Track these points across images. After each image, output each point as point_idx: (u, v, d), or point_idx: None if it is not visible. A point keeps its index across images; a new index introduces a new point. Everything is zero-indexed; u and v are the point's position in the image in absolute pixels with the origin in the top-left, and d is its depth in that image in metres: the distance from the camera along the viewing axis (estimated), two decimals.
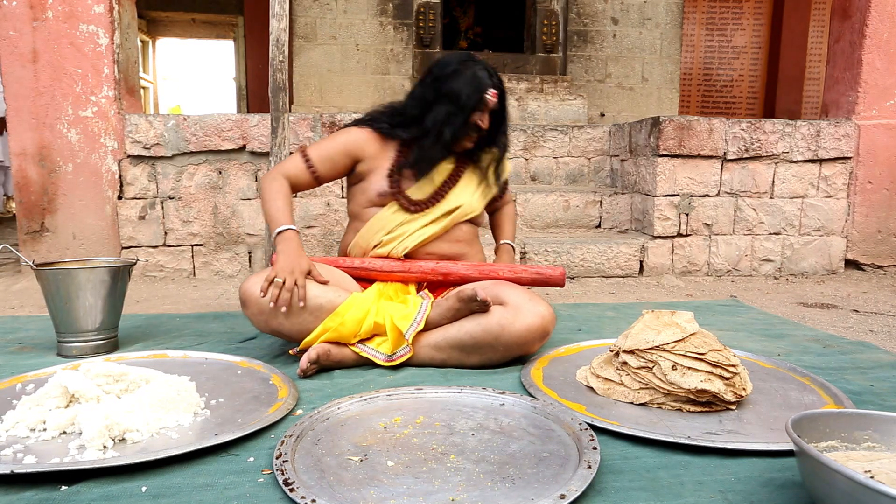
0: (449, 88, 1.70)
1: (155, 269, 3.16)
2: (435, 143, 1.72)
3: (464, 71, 1.71)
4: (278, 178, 1.74)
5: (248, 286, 1.54)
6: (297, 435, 1.13)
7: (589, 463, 1.01)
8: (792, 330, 2.11)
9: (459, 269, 1.75)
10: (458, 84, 1.69)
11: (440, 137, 1.71)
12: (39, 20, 2.99)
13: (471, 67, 1.71)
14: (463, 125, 1.71)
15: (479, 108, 1.71)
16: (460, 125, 1.71)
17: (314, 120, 3.19)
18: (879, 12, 3.37)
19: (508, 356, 1.60)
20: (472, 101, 1.68)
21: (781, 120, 3.32)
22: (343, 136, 1.79)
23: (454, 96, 1.69)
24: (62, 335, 1.72)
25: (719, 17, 7.35)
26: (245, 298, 1.54)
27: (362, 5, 5.37)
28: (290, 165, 1.77)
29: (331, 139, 1.80)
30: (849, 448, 0.97)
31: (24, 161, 3.05)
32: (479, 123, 1.72)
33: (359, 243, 1.81)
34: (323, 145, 1.79)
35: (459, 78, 1.70)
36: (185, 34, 8.94)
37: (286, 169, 1.76)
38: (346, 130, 1.81)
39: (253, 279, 1.55)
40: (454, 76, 1.71)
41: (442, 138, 1.71)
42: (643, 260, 3.24)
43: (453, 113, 1.70)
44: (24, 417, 1.17)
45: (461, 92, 1.68)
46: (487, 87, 1.69)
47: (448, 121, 1.70)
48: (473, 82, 1.69)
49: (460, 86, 1.69)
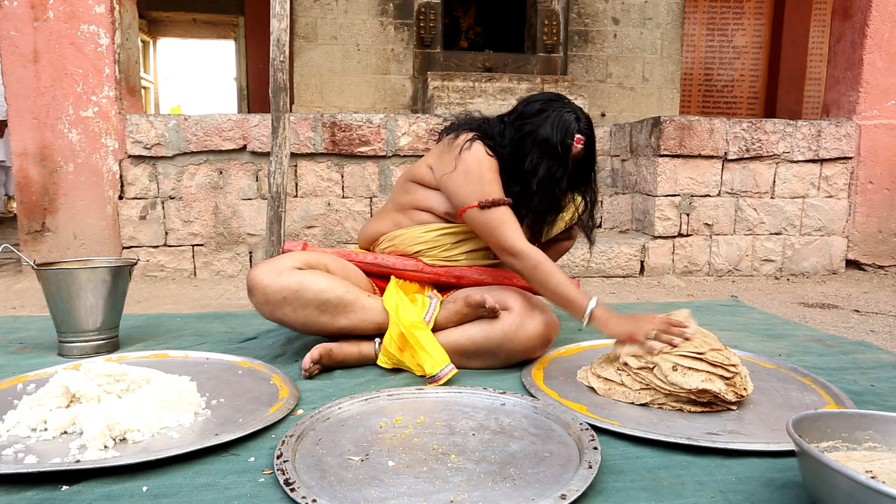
0: (541, 135, 1.59)
1: (156, 269, 3.16)
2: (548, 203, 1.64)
3: (554, 116, 1.60)
4: (534, 253, 1.54)
5: (256, 275, 1.51)
6: (297, 435, 1.13)
7: (590, 463, 1.01)
8: (793, 330, 2.11)
9: (473, 273, 1.73)
10: (549, 131, 1.58)
11: (552, 195, 1.62)
12: (40, 20, 2.99)
13: (563, 114, 1.60)
14: (563, 176, 1.60)
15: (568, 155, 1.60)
16: (562, 176, 1.60)
17: (315, 120, 3.19)
18: (880, 12, 3.37)
19: (510, 362, 1.59)
20: (564, 147, 1.58)
21: (782, 120, 3.32)
22: (486, 162, 1.60)
23: (547, 145, 1.58)
24: (63, 335, 1.72)
25: (720, 16, 7.34)
26: (252, 287, 1.51)
27: (363, 5, 5.37)
28: (512, 226, 1.56)
29: (484, 170, 1.59)
30: (850, 448, 0.97)
31: (25, 161, 3.05)
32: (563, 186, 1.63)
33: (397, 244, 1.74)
34: (490, 180, 1.59)
35: (551, 124, 1.59)
36: (185, 34, 8.96)
37: (515, 229, 1.57)
38: (479, 154, 1.60)
39: (262, 267, 1.52)
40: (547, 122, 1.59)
41: (554, 196, 1.62)
42: (644, 260, 3.23)
43: (553, 165, 1.58)
44: (25, 417, 1.17)
45: (554, 138, 1.57)
46: (574, 131, 1.59)
47: (554, 176, 1.59)
48: (565, 129, 1.58)
49: (552, 132, 1.58)
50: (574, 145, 1.60)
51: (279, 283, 1.49)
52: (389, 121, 3.24)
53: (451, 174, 1.62)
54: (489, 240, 1.61)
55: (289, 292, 1.49)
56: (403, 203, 1.75)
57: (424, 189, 1.71)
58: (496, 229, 1.56)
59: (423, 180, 1.71)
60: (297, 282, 1.49)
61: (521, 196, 1.62)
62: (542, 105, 1.62)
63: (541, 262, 1.53)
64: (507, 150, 1.63)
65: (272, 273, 1.50)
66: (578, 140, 1.60)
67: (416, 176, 1.73)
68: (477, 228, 1.62)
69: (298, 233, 3.23)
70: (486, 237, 1.61)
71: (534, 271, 1.52)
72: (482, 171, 1.59)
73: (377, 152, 3.24)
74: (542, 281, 1.52)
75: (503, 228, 1.55)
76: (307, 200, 3.24)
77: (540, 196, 1.61)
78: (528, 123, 1.62)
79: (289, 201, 3.18)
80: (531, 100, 1.66)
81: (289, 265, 1.52)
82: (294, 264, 1.53)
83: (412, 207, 1.73)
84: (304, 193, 3.24)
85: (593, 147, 1.66)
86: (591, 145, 1.65)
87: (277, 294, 1.49)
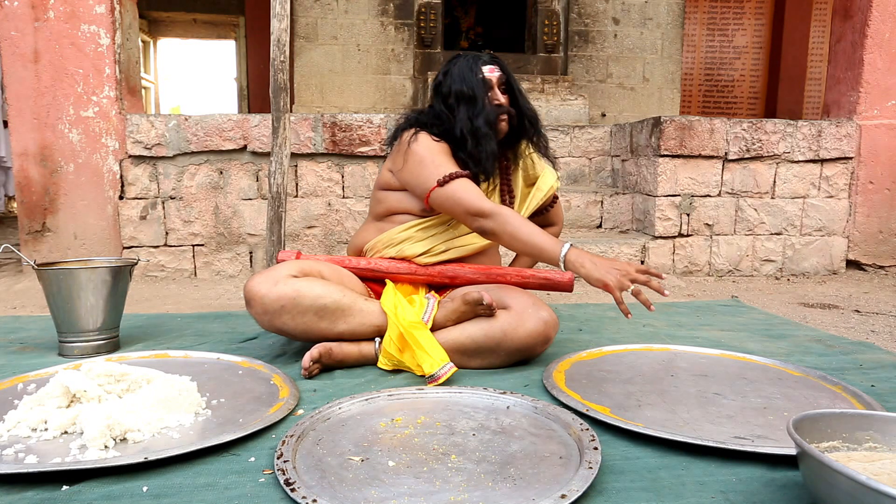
0: (453, 92, 1.71)
1: (156, 269, 3.17)
2: (478, 141, 1.69)
3: (452, 70, 1.73)
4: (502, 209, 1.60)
5: (253, 285, 1.53)
6: (298, 435, 1.13)
7: (590, 463, 1.01)
8: (793, 330, 2.11)
9: (466, 272, 1.74)
10: (456, 83, 1.71)
11: (478, 133, 1.69)
12: (41, 20, 2.99)
13: (456, 62, 1.74)
14: (483, 110, 1.69)
15: (488, 89, 1.70)
16: (481, 111, 1.69)
17: (315, 120, 3.19)
18: (881, 12, 3.37)
19: (510, 361, 1.60)
20: (477, 85, 1.69)
21: (783, 120, 3.32)
22: (435, 147, 1.70)
23: (461, 94, 1.70)
24: (63, 335, 1.73)
25: (720, 16, 7.34)
26: (249, 298, 1.53)
27: (363, 5, 5.37)
28: (474, 191, 1.63)
29: (435, 153, 1.68)
30: (850, 448, 0.97)
31: (25, 161, 3.05)
32: (498, 102, 1.71)
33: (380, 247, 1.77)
34: (442, 161, 1.67)
35: (453, 78, 1.72)
36: (186, 34, 8.96)
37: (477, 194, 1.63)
38: (425, 142, 1.70)
39: (258, 278, 1.54)
40: (448, 79, 1.73)
41: (480, 132, 1.69)
42: (644, 260, 3.23)
43: (471, 106, 1.69)
44: (26, 417, 1.17)
45: (461, 87, 1.70)
46: (479, 67, 1.71)
47: (472, 115, 1.69)
48: (469, 71, 1.71)
49: (458, 83, 1.71)
50: (486, 77, 1.70)
51: (276, 292, 1.50)
52: (390, 121, 3.24)
53: (407, 169, 1.70)
54: (458, 213, 1.65)
55: (287, 300, 1.50)
56: (380, 212, 1.81)
57: (394, 193, 1.78)
58: (461, 199, 1.62)
59: (389, 185, 1.79)
60: (294, 289, 1.51)
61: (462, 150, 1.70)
62: (447, 66, 1.76)
63: (510, 215, 1.59)
64: (445, 126, 1.73)
65: (268, 282, 1.51)
66: (492, 70, 1.71)
67: (383, 183, 1.81)
68: (445, 207, 1.67)
69: (299, 233, 3.23)
70: (454, 212, 1.66)
71: (505, 226, 1.57)
72: (433, 155, 1.67)
73: (377, 152, 3.24)
74: (514, 234, 1.57)
75: (466, 195, 1.61)
76: (307, 200, 3.24)
77: (470, 139, 1.68)
78: (443, 87, 1.74)
79: (289, 201, 3.18)
80: (440, 71, 1.78)
81: (285, 274, 1.54)
82: (290, 272, 1.55)
83: (389, 214, 1.79)
84: (304, 193, 3.24)
85: (511, 78, 1.75)
86: (508, 75, 1.74)
87: (275, 303, 1.50)
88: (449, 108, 1.73)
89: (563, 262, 1.51)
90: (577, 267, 1.50)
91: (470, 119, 1.69)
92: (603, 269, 1.47)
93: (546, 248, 1.54)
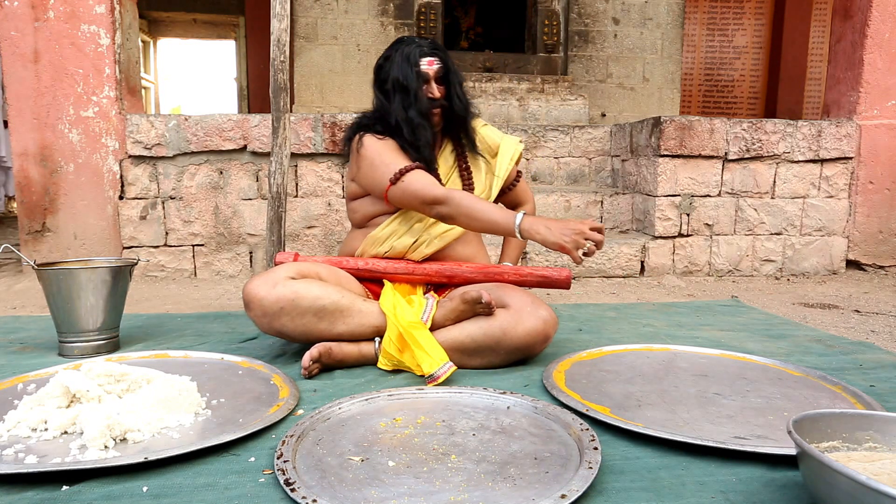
0: (391, 78, 1.72)
1: (156, 269, 3.17)
2: (413, 129, 1.71)
3: (394, 56, 1.73)
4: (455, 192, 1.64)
5: (252, 288, 1.53)
6: (298, 435, 1.13)
7: (590, 463, 1.01)
8: (793, 330, 2.11)
9: (464, 271, 1.74)
10: (394, 70, 1.71)
11: (412, 122, 1.71)
12: (41, 20, 2.99)
13: (399, 48, 1.74)
14: (416, 101, 1.70)
15: (423, 81, 1.72)
16: (413, 103, 1.70)
17: (315, 120, 3.19)
18: (881, 12, 3.37)
19: (510, 360, 1.60)
20: (412, 78, 1.69)
21: (783, 120, 3.32)
22: (381, 146, 1.72)
23: (396, 82, 1.71)
24: (63, 335, 1.73)
25: (720, 16, 7.34)
26: (248, 300, 1.53)
27: (363, 5, 5.37)
28: (426, 181, 1.66)
29: (383, 153, 1.70)
30: (850, 448, 0.97)
31: (25, 161, 3.05)
32: (432, 95, 1.73)
33: (368, 249, 1.80)
34: (391, 159, 1.69)
35: (393, 64, 1.72)
36: (186, 34, 8.95)
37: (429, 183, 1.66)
38: (371, 143, 1.73)
39: (256, 280, 1.54)
40: (388, 64, 1.74)
41: (413, 122, 1.71)
42: (644, 260, 3.23)
43: (405, 97, 1.70)
44: (26, 417, 1.17)
45: (398, 75, 1.70)
46: (418, 59, 1.71)
47: (406, 105, 1.71)
48: (406, 61, 1.71)
49: (396, 71, 1.71)
50: (423, 70, 1.70)
51: (275, 293, 1.51)
52: None
53: (362, 174, 1.75)
54: (415, 205, 1.68)
55: (285, 301, 1.51)
56: (358, 221, 1.86)
57: (363, 199, 1.82)
58: (415, 191, 1.64)
59: (356, 194, 1.83)
60: (293, 291, 1.51)
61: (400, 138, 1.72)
62: (389, 51, 1.76)
63: (463, 196, 1.62)
64: (385, 118, 1.74)
65: (267, 285, 1.52)
66: (430, 62, 1.72)
67: (350, 194, 1.85)
68: (403, 203, 1.70)
69: (299, 233, 3.23)
70: (412, 205, 1.69)
71: (460, 208, 1.61)
72: (381, 154, 1.70)
73: None
74: (470, 214, 1.60)
75: (418, 186, 1.64)
76: (307, 200, 3.24)
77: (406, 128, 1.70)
78: (382, 72, 1.75)
79: (289, 201, 3.18)
80: (382, 54, 1.78)
81: (283, 276, 1.55)
82: (288, 274, 1.56)
83: (368, 220, 1.82)
84: (304, 193, 3.24)
85: (448, 64, 1.75)
86: (446, 63, 1.75)
87: (274, 305, 1.51)
88: (385, 93, 1.75)
89: (518, 232, 1.55)
90: (533, 233, 1.54)
91: (404, 108, 1.71)
92: (558, 233, 1.52)
93: (501, 221, 1.58)
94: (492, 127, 1.92)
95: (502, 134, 1.92)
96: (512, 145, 1.90)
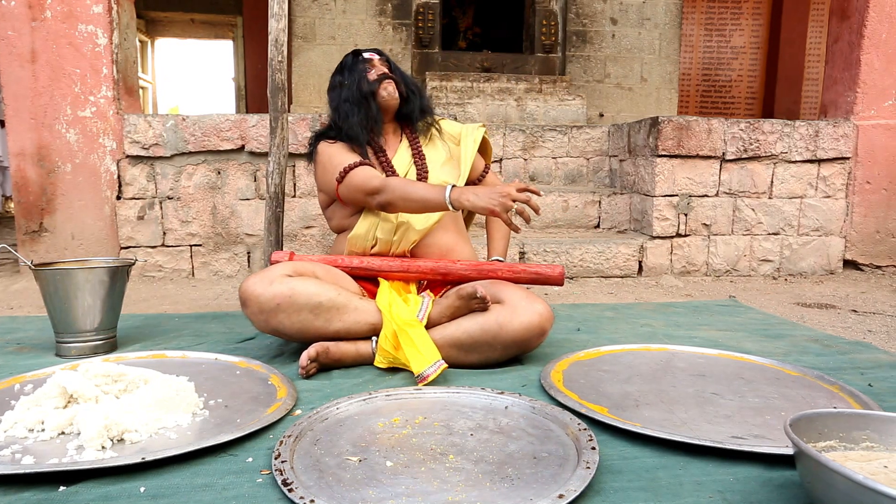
0: (334, 81, 1.87)
1: (154, 270, 3.16)
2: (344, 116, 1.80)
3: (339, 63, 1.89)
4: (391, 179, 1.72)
5: (248, 285, 1.54)
6: (295, 435, 1.13)
7: (587, 463, 1.01)
8: (790, 330, 2.11)
9: (459, 268, 1.75)
10: (337, 71, 1.87)
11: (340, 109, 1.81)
12: (38, 20, 2.98)
13: (345, 57, 1.89)
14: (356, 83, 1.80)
15: (364, 70, 1.81)
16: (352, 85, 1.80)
17: (313, 120, 3.19)
18: (878, 13, 3.37)
19: (507, 355, 1.60)
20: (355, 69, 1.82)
21: (780, 120, 3.33)
22: (330, 150, 1.81)
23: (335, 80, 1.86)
24: (61, 335, 1.72)
25: (718, 17, 7.36)
26: (245, 298, 1.54)
27: (361, 5, 5.37)
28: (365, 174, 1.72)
29: (332, 156, 1.79)
30: (847, 448, 0.97)
31: (22, 161, 3.05)
32: (379, 72, 1.81)
33: (356, 248, 1.82)
34: (339, 161, 1.77)
35: (337, 68, 1.88)
36: (184, 34, 8.94)
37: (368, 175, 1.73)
38: (322, 149, 1.83)
39: (253, 279, 1.55)
40: (336, 73, 1.88)
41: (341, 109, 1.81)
42: (642, 260, 3.24)
43: (343, 88, 1.82)
44: (23, 418, 1.17)
45: (340, 75, 1.85)
46: (360, 53, 1.85)
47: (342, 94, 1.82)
48: (346, 59, 1.87)
49: (339, 73, 1.86)
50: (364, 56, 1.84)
51: (272, 291, 1.51)
52: None
53: (320, 181, 1.84)
54: (360, 200, 1.74)
55: (282, 298, 1.51)
56: (336, 226, 1.91)
57: (335, 205, 1.87)
58: (357, 185, 1.71)
59: (326, 202, 1.90)
60: (290, 288, 1.52)
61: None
62: (339, 65, 1.89)
63: (398, 181, 1.68)
64: (338, 126, 1.82)
65: (264, 282, 1.53)
66: (371, 54, 1.85)
67: (322, 203, 1.93)
68: (351, 200, 1.77)
69: (297, 233, 3.23)
70: (358, 200, 1.75)
71: (395, 192, 1.66)
72: (330, 158, 1.79)
73: None
74: (405, 196, 1.66)
75: (360, 180, 1.71)
76: (305, 200, 3.24)
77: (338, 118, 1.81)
78: (330, 82, 1.89)
79: (287, 201, 3.17)
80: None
81: (279, 273, 1.56)
82: (284, 272, 1.57)
83: (344, 223, 1.87)
84: (302, 193, 3.24)
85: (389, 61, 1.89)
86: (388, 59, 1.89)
87: (271, 301, 1.51)
88: (330, 99, 1.87)
89: (449, 202, 1.60)
90: (463, 202, 1.59)
91: (339, 98, 1.82)
92: (486, 198, 1.56)
93: (432, 197, 1.63)
94: (449, 120, 2.01)
95: (462, 124, 2.00)
96: (472, 129, 1.96)
